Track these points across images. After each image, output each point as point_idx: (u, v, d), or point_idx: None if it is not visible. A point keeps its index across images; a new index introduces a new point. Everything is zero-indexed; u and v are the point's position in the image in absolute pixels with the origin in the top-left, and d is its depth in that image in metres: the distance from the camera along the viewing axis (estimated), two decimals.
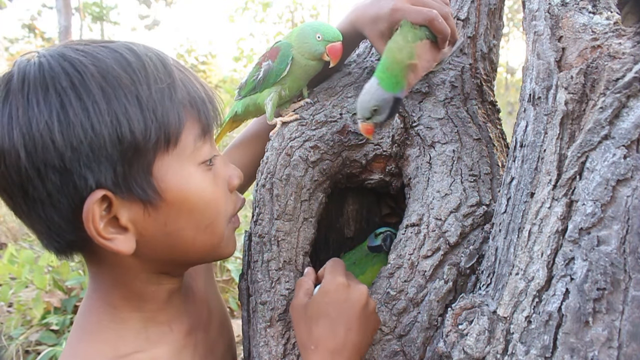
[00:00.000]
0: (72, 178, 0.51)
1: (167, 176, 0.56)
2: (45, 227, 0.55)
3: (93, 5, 8.17)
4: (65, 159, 0.51)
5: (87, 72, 0.52)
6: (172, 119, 0.55)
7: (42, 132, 0.50)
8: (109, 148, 0.51)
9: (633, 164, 0.48)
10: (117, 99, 0.52)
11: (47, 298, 2.14)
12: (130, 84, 0.53)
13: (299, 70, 0.83)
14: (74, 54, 0.53)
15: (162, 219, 0.57)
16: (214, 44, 10.82)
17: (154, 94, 0.54)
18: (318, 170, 0.80)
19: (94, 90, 0.51)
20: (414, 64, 0.69)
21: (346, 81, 0.87)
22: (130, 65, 0.54)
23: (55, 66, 0.52)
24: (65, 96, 0.51)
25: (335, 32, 0.80)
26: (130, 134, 0.52)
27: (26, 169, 0.50)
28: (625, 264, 0.47)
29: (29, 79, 0.52)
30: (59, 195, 0.52)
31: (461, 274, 0.71)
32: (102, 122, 0.51)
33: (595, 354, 0.48)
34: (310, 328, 0.65)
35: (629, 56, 0.51)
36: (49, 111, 0.50)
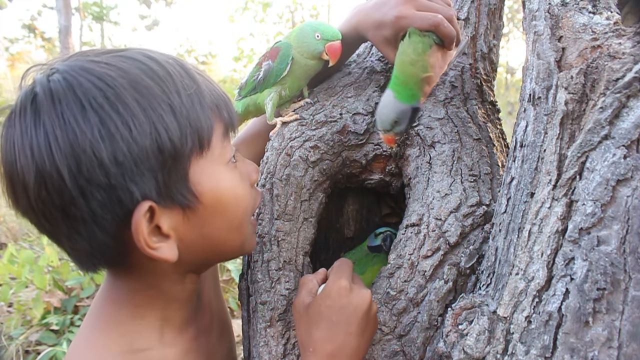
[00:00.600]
0: (117, 193, 0.51)
1: (202, 179, 0.57)
2: (87, 245, 0.54)
3: (93, 5, 8.17)
4: (111, 175, 0.50)
5: (119, 85, 0.52)
6: (204, 123, 0.56)
7: (86, 150, 0.49)
8: (151, 159, 0.52)
9: (633, 164, 0.48)
10: (152, 110, 0.52)
11: (47, 298, 2.14)
12: (162, 93, 0.53)
13: (299, 70, 0.83)
14: (98, 68, 0.53)
15: (200, 221, 0.58)
16: (214, 44, 10.82)
17: (185, 100, 0.55)
18: (318, 170, 0.80)
19: (130, 103, 0.51)
20: (430, 77, 0.70)
21: (346, 81, 0.87)
22: (156, 74, 0.54)
23: (84, 82, 0.51)
24: (104, 112, 0.50)
25: (334, 31, 0.80)
26: (170, 142, 0.53)
27: (70, 189, 0.50)
28: (625, 264, 0.47)
29: (59, 97, 0.51)
30: (103, 212, 0.52)
31: (461, 274, 0.71)
32: (143, 133, 0.51)
33: (595, 354, 0.48)
34: (310, 330, 0.65)
35: (629, 56, 0.51)
36: (90, 129, 0.50)
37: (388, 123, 0.71)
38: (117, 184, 0.51)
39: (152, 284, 0.61)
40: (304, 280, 0.71)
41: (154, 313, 0.63)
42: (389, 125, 0.71)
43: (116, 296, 0.63)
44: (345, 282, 0.66)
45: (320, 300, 0.66)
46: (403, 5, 0.72)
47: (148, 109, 0.52)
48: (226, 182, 0.60)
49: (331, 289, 0.66)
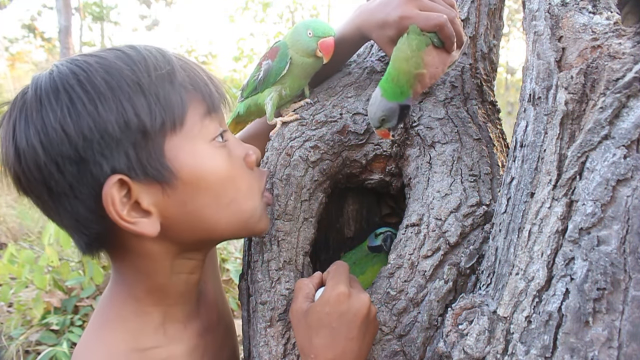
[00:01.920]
0: (88, 167, 0.54)
1: (179, 155, 0.58)
2: (73, 221, 0.57)
3: (93, 5, 8.17)
4: (80, 149, 0.54)
5: (92, 69, 0.56)
6: (174, 101, 0.58)
7: (54, 127, 0.54)
8: (118, 134, 0.54)
9: (633, 164, 0.48)
10: (120, 89, 0.55)
11: (47, 298, 2.14)
12: (131, 73, 0.56)
13: (298, 69, 0.83)
14: (82, 58, 0.58)
15: (181, 198, 0.59)
16: (214, 44, 10.80)
17: (155, 79, 0.57)
18: (318, 170, 0.80)
19: (99, 83, 0.55)
20: (422, 74, 0.69)
21: (346, 81, 0.87)
22: (130, 58, 0.58)
23: (63, 70, 0.56)
24: (73, 92, 0.55)
25: (325, 28, 0.80)
26: (136, 118, 0.55)
27: (45, 164, 0.54)
28: (625, 264, 0.47)
29: (41, 86, 0.56)
30: (79, 185, 0.55)
31: (461, 274, 0.71)
32: (109, 109, 0.54)
33: (595, 354, 0.48)
34: (310, 337, 0.64)
35: (629, 56, 0.51)
36: (60, 107, 0.54)
37: (376, 120, 0.72)
38: (87, 158, 0.54)
39: (147, 272, 0.62)
40: (300, 284, 0.69)
41: (155, 309, 0.64)
42: (377, 122, 0.72)
43: (119, 291, 0.64)
44: (344, 287, 0.65)
45: (319, 307, 0.65)
46: (406, 5, 0.72)
47: (116, 88, 0.55)
48: (208, 160, 0.61)
49: (330, 295, 0.65)
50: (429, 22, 0.69)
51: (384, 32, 0.75)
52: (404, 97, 0.70)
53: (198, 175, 0.60)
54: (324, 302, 0.65)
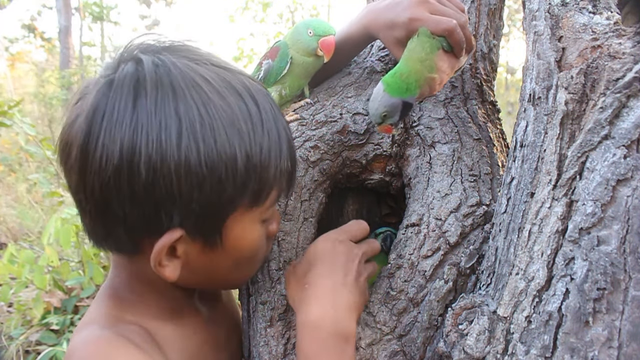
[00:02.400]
0: (159, 212, 0.51)
1: (235, 228, 0.57)
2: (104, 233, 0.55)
3: (93, 5, 8.17)
4: (174, 185, 0.50)
5: (218, 117, 0.52)
6: (267, 185, 0.56)
7: (168, 159, 0.50)
8: (206, 194, 0.52)
9: (633, 164, 0.48)
10: (229, 149, 0.52)
11: (47, 298, 2.14)
12: (247, 139, 0.53)
13: (298, 69, 0.83)
14: (206, 87, 0.53)
15: (211, 257, 0.58)
16: (214, 44, 10.80)
17: (263, 157, 0.54)
18: (318, 170, 0.80)
19: (219, 131, 0.52)
20: (433, 78, 0.69)
21: (346, 81, 0.87)
22: (251, 119, 0.54)
23: (189, 98, 0.51)
24: (195, 134, 0.50)
25: (326, 26, 0.80)
26: (232, 188, 0.53)
27: (129, 189, 0.50)
28: (625, 263, 0.47)
29: (165, 94, 0.51)
30: (137, 220, 0.52)
31: (461, 274, 0.71)
32: (213, 166, 0.51)
33: (595, 354, 0.48)
34: (304, 273, 0.66)
35: (629, 56, 0.51)
36: (178, 142, 0.50)
37: (378, 116, 0.71)
38: (182, 191, 0.51)
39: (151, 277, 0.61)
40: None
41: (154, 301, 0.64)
42: (379, 118, 0.71)
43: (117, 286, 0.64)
44: (343, 237, 0.68)
45: (313, 246, 0.67)
46: (416, 7, 0.71)
47: (227, 149, 0.52)
48: (252, 236, 0.61)
49: (327, 238, 0.67)
50: (439, 26, 0.69)
51: (392, 32, 0.74)
52: (409, 94, 0.69)
53: (238, 247, 0.59)
54: (319, 241, 0.68)
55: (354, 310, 0.63)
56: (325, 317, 0.61)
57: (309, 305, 0.62)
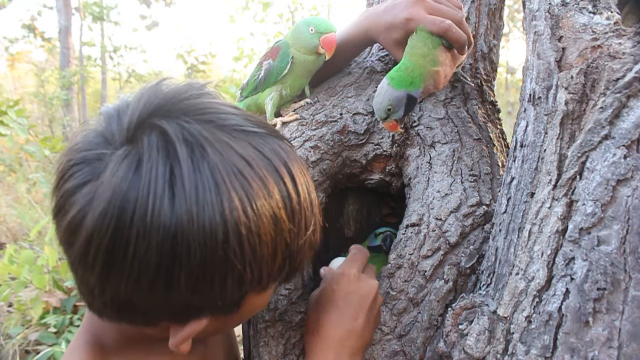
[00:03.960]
0: (191, 304, 0.47)
1: (254, 297, 0.53)
2: (112, 314, 0.50)
3: (93, 5, 8.16)
4: (212, 277, 0.45)
5: (261, 212, 0.46)
6: (298, 269, 0.54)
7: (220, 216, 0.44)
8: (236, 282, 0.47)
9: (633, 164, 0.48)
10: (272, 240, 0.48)
11: (46, 298, 2.14)
12: (288, 230, 0.49)
13: (299, 68, 0.83)
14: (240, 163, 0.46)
15: (224, 321, 0.55)
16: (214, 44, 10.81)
17: (299, 244, 0.51)
18: (318, 170, 0.80)
19: (263, 224, 0.47)
20: (437, 71, 0.70)
21: (346, 81, 0.87)
22: (291, 201, 0.49)
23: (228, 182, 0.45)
24: (234, 223, 0.45)
25: (327, 24, 0.80)
26: (268, 276, 0.49)
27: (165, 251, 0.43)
28: (625, 263, 0.47)
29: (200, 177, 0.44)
30: (162, 313, 0.48)
31: (461, 274, 0.70)
32: (259, 258, 0.47)
33: (595, 354, 0.48)
34: (318, 313, 0.66)
35: (629, 56, 0.51)
36: (224, 234, 0.44)
37: (382, 111, 0.70)
38: (201, 301, 0.47)
39: (143, 333, 0.57)
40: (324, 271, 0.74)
41: (143, 347, 0.60)
42: (384, 112, 0.71)
43: (98, 331, 0.60)
44: (355, 270, 0.68)
45: (329, 285, 0.68)
46: (413, 7, 0.72)
47: (268, 246, 0.48)
48: (265, 301, 0.58)
49: (340, 275, 0.68)
50: (434, 26, 0.70)
51: (390, 34, 0.75)
52: (414, 87, 0.69)
53: (252, 310, 0.57)
54: (334, 281, 0.67)
55: (360, 352, 0.66)
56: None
57: (316, 355, 0.65)
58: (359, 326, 0.65)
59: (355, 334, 0.64)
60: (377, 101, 0.71)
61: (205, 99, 0.51)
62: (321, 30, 0.80)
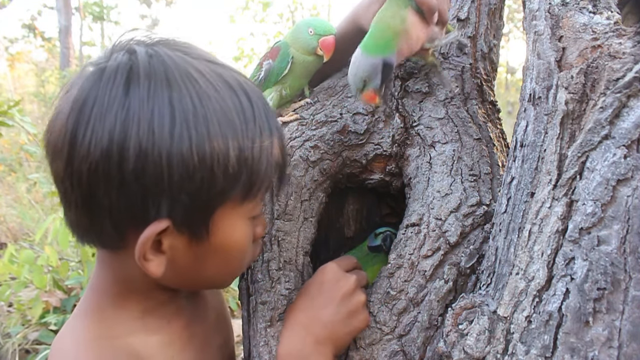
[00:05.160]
0: (147, 201, 0.51)
1: (223, 222, 0.56)
2: (88, 223, 0.54)
3: (93, 5, 8.17)
4: (164, 173, 0.49)
5: (212, 109, 0.52)
6: (258, 179, 0.56)
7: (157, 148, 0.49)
8: (196, 184, 0.51)
9: (633, 164, 0.48)
10: (222, 141, 0.52)
11: (46, 298, 2.14)
12: (240, 133, 0.53)
13: (299, 68, 0.83)
14: (200, 79, 0.53)
15: (198, 254, 0.57)
16: (214, 44, 10.80)
17: (255, 151, 0.54)
18: (318, 170, 0.80)
19: (212, 122, 0.51)
20: (406, 30, 0.69)
21: (346, 81, 0.87)
22: (244, 113, 0.54)
23: (183, 89, 0.52)
24: (188, 123, 0.50)
25: (327, 26, 0.81)
26: (222, 179, 0.52)
27: (118, 176, 0.49)
28: (625, 263, 0.47)
29: (157, 87, 0.51)
30: (124, 212, 0.51)
31: (461, 274, 0.71)
32: (204, 157, 0.50)
33: (595, 354, 0.48)
34: (294, 301, 0.69)
35: (629, 56, 0.51)
36: (170, 129, 0.49)
37: (358, 81, 0.68)
38: (154, 192, 0.50)
39: (131, 279, 0.60)
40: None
41: (136, 304, 0.62)
42: (359, 82, 0.68)
43: (100, 284, 0.62)
44: (336, 266, 0.70)
45: (310, 279, 0.71)
46: None
47: (219, 140, 0.51)
48: (240, 234, 0.59)
49: (323, 267, 0.70)
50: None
51: (370, 8, 0.76)
52: (388, 50, 0.68)
53: (225, 243, 0.58)
54: (317, 272, 0.71)
55: (327, 344, 0.65)
56: (292, 352, 0.66)
57: (281, 339, 0.67)
58: (326, 315, 0.65)
59: (320, 323, 0.65)
60: (351, 72, 0.69)
61: (193, 46, 0.58)
62: (320, 32, 0.80)
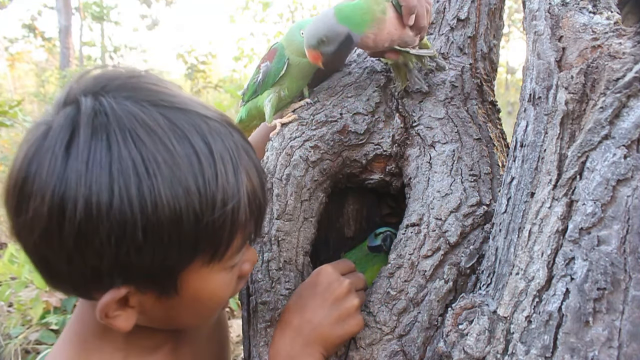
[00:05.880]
0: (101, 271, 0.47)
1: (191, 279, 0.52)
2: (53, 284, 0.52)
3: (93, 5, 8.17)
4: (107, 251, 0.45)
5: (159, 173, 0.46)
6: (224, 240, 0.51)
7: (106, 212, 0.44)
8: (150, 255, 0.47)
9: (633, 164, 0.48)
10: (172, 206, 0.46)
11: (46, 298, 2.14)
12: (196, 191, 0.47)
13: (296, 70, 0.83)
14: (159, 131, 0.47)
15: (169, 306, 0.54)
16: (214, 44, 10.81)
17: (217, 215, 0.48)
18: (318, 170, 0.80)
19: (160, 189, 0.46)
20: (382, 20, 0.70)
21: (346, 81, 0.87)
22: (203, 172, 0.47)
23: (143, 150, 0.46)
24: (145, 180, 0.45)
25: None
26: (178, 249, 0.48)
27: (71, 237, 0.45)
28: (625, 263, 0.47)
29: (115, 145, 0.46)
30: (81, 279, 0.49)
31: (461, 274, 0.71)
32: (156, 223, 0.46)
33: (595, 354, 0.48)
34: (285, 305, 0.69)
35: (629, 56, 0.51)
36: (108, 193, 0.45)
37: (315, 38, 0.68)
38: (102, 267, 0.46)
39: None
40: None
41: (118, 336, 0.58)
42: (315, 40, 0.68)
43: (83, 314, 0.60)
44: (331, 269, 0.70)
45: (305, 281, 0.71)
46: None
47: (168, 210, 0.46)
48: (214, 286, 0.55)
49: (318, 270, 0.70)
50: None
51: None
52: (358, 28, 0.69)
53: (199, 296, 0.55)
54: (308, 277, 0.71)
55: (315, 346, 0.65)
56: (281, 352, 0.66)
57: (273, 339, 0.67)
58: (316, 318, 0.65)
59: (310, 325, 0.65)
60: (313, 27, 0.68)
61: (151, 86, 0.52)
62: None
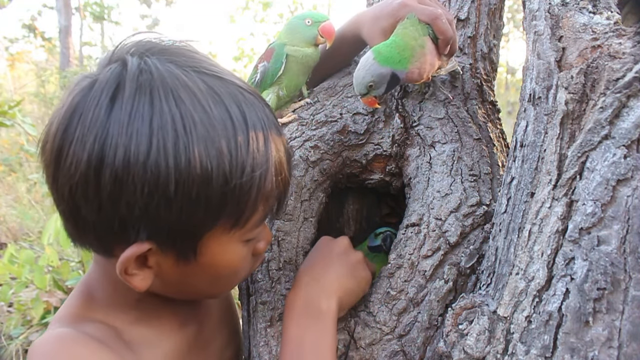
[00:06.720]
0: (130, 223, 0.49)
1: (211, 245, 0.54)
2: (74, 232, 0.53)
3: (93, 5, 8.17)
4: (139, 202, 0.47)
5: (194, 132, 0.48)
6: (247, 208, 0.52)
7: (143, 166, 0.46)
8: (178, 213, 0.48)
9: (633, 164, 0.48)
10: (204, 165, 0.48)
11: (46, 298, 2.14)
12: (228, 155, 0.49)
13: (296, 66, 0.83)
14: (198, 92, 0.49)
15: (186, 271, 0.56)
16: (214, 44, 10.80)
17: (244, 180, 0.50)
18: (318, 170, 0.80)
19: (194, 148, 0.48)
20: (424, 54, 0.71)
21: (346, 81, 0.87)
22: (235, 137, 0.49)
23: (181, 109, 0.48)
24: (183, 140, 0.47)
25: (322, 14, 0.82)
26: (205, 209, 0.49)
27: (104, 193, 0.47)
28: (625, 263, 0.47)
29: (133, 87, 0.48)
30: (107, 230, 0.50)
31: (461, 274, 0.71)
32: (188, 180, 0.47)
33: (595, 354, 0.48)
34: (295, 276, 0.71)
35: (629, 56, 0.51)
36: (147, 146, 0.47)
37: (364, 86, 0.69)
38: (132, 218, 0.48)
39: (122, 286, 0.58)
40: None
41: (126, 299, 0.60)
42: (364, 88, 0.69)
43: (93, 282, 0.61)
44: (324, 237, 0.74)
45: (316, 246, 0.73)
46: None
47: (200, 169, 0.48)
48: (231, 256, 0.57)
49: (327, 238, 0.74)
50: (424, 12, 0.72)
51: (378, 22, 0.77)
52: (400, 66, 0.69)
53: (215, 264, 0.56)
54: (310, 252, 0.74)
55: (333, 292, 0.66)
56: (298, 295, 0.66)
57: (292, 289, 0.69)
58: (336, 268, 0.68)
59: (329, 273, 0.68)
60: (359, 75, 0.69)
61: (193, 54, 0.55)
62: (319, 20, 0.81)
